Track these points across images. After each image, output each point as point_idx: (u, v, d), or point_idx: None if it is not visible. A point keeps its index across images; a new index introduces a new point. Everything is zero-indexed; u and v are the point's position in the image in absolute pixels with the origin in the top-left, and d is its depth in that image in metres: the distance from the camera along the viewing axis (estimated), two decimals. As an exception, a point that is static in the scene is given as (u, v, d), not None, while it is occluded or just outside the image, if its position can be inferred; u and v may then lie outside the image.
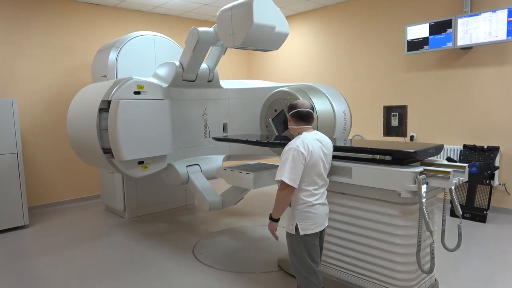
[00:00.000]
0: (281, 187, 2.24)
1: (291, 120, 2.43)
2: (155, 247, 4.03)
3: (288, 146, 2.28)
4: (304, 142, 2.26)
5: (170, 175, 4.05)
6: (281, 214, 2.31)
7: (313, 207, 2.32)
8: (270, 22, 3.19)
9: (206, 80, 4.26)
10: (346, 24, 6.26)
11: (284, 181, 2.19)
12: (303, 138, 2.30)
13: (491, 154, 4.62)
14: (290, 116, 2.42)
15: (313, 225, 2.33)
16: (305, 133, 2.36)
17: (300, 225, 2.31)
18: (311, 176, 2.30)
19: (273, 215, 2.32)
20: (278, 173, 2.25)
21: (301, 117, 2.39)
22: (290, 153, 2.22)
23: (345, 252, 2.82)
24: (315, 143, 2.32)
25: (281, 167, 2.25)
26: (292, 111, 2.41)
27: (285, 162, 2.22)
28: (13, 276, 3.43)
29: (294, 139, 2.33)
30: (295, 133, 2.43)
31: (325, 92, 4.00)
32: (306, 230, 2.31)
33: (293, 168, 2.20)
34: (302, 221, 2.31)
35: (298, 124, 2.41)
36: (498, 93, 4.68)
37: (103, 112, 3.51)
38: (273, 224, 2.34)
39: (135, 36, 4.85)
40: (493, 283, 3.08)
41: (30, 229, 4.73)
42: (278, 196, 2.27)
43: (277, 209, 2.30)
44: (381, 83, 5.84)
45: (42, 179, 5.55)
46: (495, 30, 4.43)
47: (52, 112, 5.55)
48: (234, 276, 3.31)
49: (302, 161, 2.22)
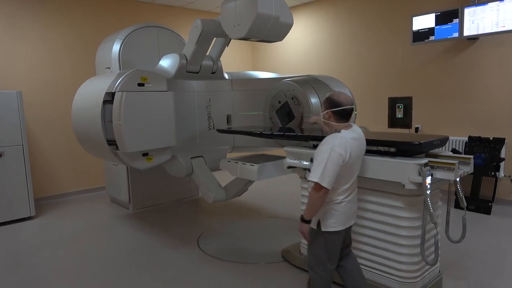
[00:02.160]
0: (315, 188, 2.12)
1: (332, 117, 2.25)
2: (160, 238, 4.06)
3: (325, 145, 2.15)
4: (343, 143, 2.13)
5: (174, 166, 4.06)
6: (314, 215, 2.21)
7: (339, 204, 2.23)
8: (274, 12, 3.16)
9: (210, 72, 4.24)
10: (351, 14, 6.20)
11: (320, 184, 2.08)
12: (342, 138, 2.16)
13: (496, 145, 4.59)
14: (331, 112, 2.24)
15: (336, 223, 2.24)
16: (344, 132, 2.21)
17: (322, 221, 2.23)
18: (344, 175, 2.19)
19: (305, 216, 2.21)
20: (313, 173, 2.12)
21: (345, 115, 2.24)
22: (328, 153, 2.10)
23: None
24: (353, 143, 2.20)
25: (316, 167, 2.12)
26: (335, 107, 2.22)
27: (322, 162, 2.09)
28: (20, 267, 3.47)
29: (331, 138, 2.18)
30: (331, 129, 2.28)
31: (329, 83, 3.97)
32: (328, 227, 2.23)
33: (330, 170, 2.08)
34: (325, 217, 2.23)
35: (340, 121, 2.25)
36: (505, 84, 4.63)
37: (108, 104, 3.51)
38: (304, 226, 2.23)
39: (139, 27, 4.83)
40: (497, 275, 3.08)
41: (36, 220, 4.78)
42: (312, 197, 2.15)
43: (310, 210, 2.18)
44: (386, 74, 5.80)
45: (47, 171, 5.59)
46: (502, 20, 4.36)
47: (57, 104, 5.57)
48: (238, 267, 3.33)
49: (339, 163, 2.11)
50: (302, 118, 3.79)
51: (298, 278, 3.10)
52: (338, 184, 2.18)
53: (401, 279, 2.57)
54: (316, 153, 2.18)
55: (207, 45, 3.93)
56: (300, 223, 2.24)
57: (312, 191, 2.14)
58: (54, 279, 3.24)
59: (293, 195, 5.25)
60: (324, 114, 2.29)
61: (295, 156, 3.04)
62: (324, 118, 2.30)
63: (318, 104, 3.74)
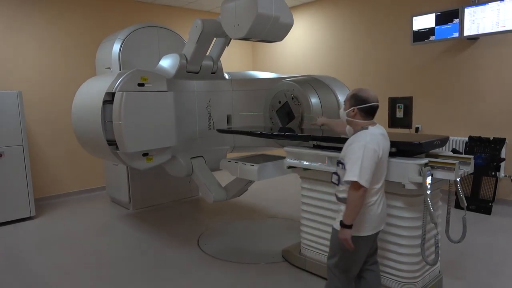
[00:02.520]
0: (354, 188, 2.00)
1: (358, 114, 2.16)
2: (160, 238, 4.06)
3: (356, 143, 2.06)
4: (375, 139, 2.07)
5: (174, 167, 4.06)
6: (355, 219, 2.05)
7: (370, 207, 2.12)
8: (274, 12, 3.16)
9: (210, 72, 4.24)
10: (351, 14, 6.19)
11: (359, 182, 1.97)
12: (372, 134, 2.09)
13: (497, 145, 4.59)
14: (358, 110, 2.15)
15: (368, 227, 2.12)
16: (372, 128, 2.14)
17: (353, 225, 2.08)
18: (376, 173, 2.09)
19: (346, 221, 2.04)
20: (349, 172, 2.01)
21: (372, 112, 2.17)
22: (362, 151, 2.01)
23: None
24: (383, 139, 2.13)
25: (352, 166, 2.01)
26: (362, 104, 2.15)
27: (357, 160, 1.99)
28: (20, 267, 3.47)
29: (361, 135, 2.10)
30: (357, 127, 2.19)
31: (329, 84, 3.97)
32: (359, 232, 2.11)
33: (367, 167, 1.99)
34: (357, 222, 2.09)
35: (366, 119, 2.17)
36: (505, 84, 4.62)
37: (108, 104, 3.51)
38: (346, 232, 2.04)
39: (139, 27, 4.83)
40: (497, 275, 3.08)
41: (37, 220, 4.78)
42: (352, 198, 2.02)
43: (351, 213, 2.03)
44: (386, 74, 5.79)
45: (48, 171, 5.59)
46: (502, 20, 4.36)
47: (57, 104, 5.57)
48: (238, 267, 3.33)
49: (375, 160, 2.02)
50: (302, 118, 3.79)
51: (298, 278, 3.09)
52: (371, 184, 2.07)
53: (402, 279, 2.57)
54: (348, 152, 2.08)
55: (207, 45, 3.93)
56: (341, 230, 2.06)
57: (350, 192, 2.03)
58: (54, 279, 3.24)
59: (293, 195, 5.25)
60: (349, 112, 2.19)
61: (295, 156, 3.04)
62: (348, 116, 2.21)
63: (318, 104, 3.74)
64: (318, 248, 3.07)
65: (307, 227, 3.14)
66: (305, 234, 3.16)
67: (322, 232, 3.01)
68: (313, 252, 3.12)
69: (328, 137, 2.99)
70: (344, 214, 2.06)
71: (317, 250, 3.08)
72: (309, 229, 3.12)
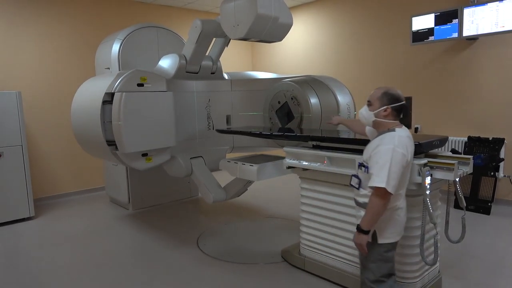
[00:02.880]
0: (378, 194, 1.91)
1: (390, 114, 2.04)
2: (159, 238, 4.06)
3: (385, 145, 1.95)
4: (403, 142, 1.96)
5: (173, 167, 4.06)
6: (374, 225, 1.98)
7: (396, 211, 2.03)
8: (274, 13, 3.16)
9: (210, 72, 4.24)
10: (350, 15, 6.20)
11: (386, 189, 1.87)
12: (400, 137, 1.98)
13: (496, 146, 4.59)
14: (390, 108, 2.03)
15: (394, 233, 2.05)
16: (399, 130, 2.03)
17: (380, 232, 2.01)
18: (402, 178, 2.00)
19: (363, 226, 1.97)
20: (376, 177, 1.91)
21: (402, 111, 2.07)
22: (390, 154, 1.90)
23: (349, 243, 2.83)
24: (409, 142, 2.03)
25: (379, 171, 1.91)
26: (395, 103, 2.04)
27: (385, 165, 1.89)
28: (19, 267, 3.47)
29: (388, 137, 1.99)
30: (384, 128, 2.07)
31: (329, 84, 3.98)
32: (386, 238, 2.02)
33: (395, 172, 1.89)
34: (382, 227, 2.00)
35: (396, 119, 2.06)
36: (504, 84, 4.63)
37: (107, 104, 3.51)
38: (363, 237, 1.98)
39: (138, 28, 4.83)
40: (496, 275, 3.08)
41: (36, 220, 4.77)
42: (374, 204, 1.93)
43: (371, 219, 1.95)
44: (386, 75, 5.80)
45: (47, 171, 5.58)
46: (502, 20, 4.37)
47: (56, 104, 5.57)
48: (237, 267, 3.33)
49: (403, 164, 1.93)
50: (302, 119, 3.80)
51: (297, 278, 3.09)
52: (397, 189, 1.96)
53: (401, 279, 2.57)
54: (374, 155, 1.97)
55: (207, 46, 3.93)
56: (357, 234, 2.00)
57: (374, 198, 1.93)
58: (53, 279, 3.23)
59: (292, 195, 5.25)
60: (380, 112, 2.06)
61: (294, 156, 3.04)
62: (378, 116, 2.07)
63: (317, 104, 3.74)
64: (318, 248, 3.07)
65: (306, 227, 3.14)
66: (305, 234, 3.16)
67: (321, 232, 3.01)
68: (312, 252, 3.12)
69: (328, 137, 2.99)
70: (363, 219, 1.98)
71: (317, 250, 3.08)
72: (308, 229, 3.12)
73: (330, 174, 2.80)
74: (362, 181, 2.09)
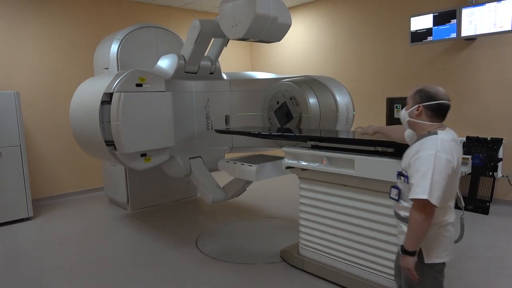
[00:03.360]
0: (420, 207, 1.65)
1: (423, 114, 1.81)
2: (158, 239, 4.05)
3: (425, 151, 1.70)
4: (447, 146, 1.70)
5: (172, 167, 4.06)
6: (420, 244, 1.72)
7: (445, 227, 1.77)
8: (273, 13, 3.16)
9: (208, 72, 4.24)
10: (350, 15, 6.20)
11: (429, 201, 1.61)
12: (443, 140, 1.72)
13: (494, 146, 4.60)
14: (424, 107, 1.81)
15: (444, 251, 1.77)
16: (441, 132, 1.77)
17: (426, 251, 1.75)
18: (450, 187, 1.72)
19: (407, 246, 1.71)
20: (417, 188, 1.65)
21: (441, 112, 1.81)
22: (432, 161, 1.65)
23: (348, 244, 2.83)
24: (455, 146, 1.76)
25: (420, 181, 1.65)
26: (429, 101, 1.81)
27: (427, 173, 1.64)
28: (18, 268, 3.46)
29: (429, 141, 1.73)
30: (423, 131, 1.83)
31: (327, 84, 3.98)
32: (434, 257, 1.76)
33: (438, 182, 1.63)
34: (429, 245, 1.75)
35: (433, 119, 1.81)
36: (502, 84, 4.64)
37: (106, 104, 3.51)
38: (409, 260, 1.71)
39: (137, 28, 4.82)
40: (495, 274, 3.09)
41: (34, 221, 4.76)
42: (416, 220, 1.67)
43: (414, 238, 1.69)
44: (385, 75, 5.80)
45: (45, 171, 5.58)
46: (500, 20, 4.38)
47: (55, 105, 5.56)
48: (237, 267, 3.33)
49: (448, 172, 1.66)
50: (301, 119, 3.80)
51: (296, 278, 3.09)
52: (444, 200, 1.70)
53: (400, 279, 2.57)
54: (414, 163, 1.72)
55: (206, 46, 3.92)
56: (403, 257, 1.74)
57: (415, 212, 1.67)
58: (52, 279, 3.23)
59: (291, 195, 5.25)
60: (413, 110, 1.84)
61: (293, 156, 3.04)
62: (411, 116, 1.86)
63: (316, 104, 3.74)
64: (317, 249, 3.07)
65: (305, 228, 3.14)
66: (304, 235, 3.16)
67: (320, 232, 3.02)
68: (311, 253, 3.12)
69: (326, 137, 2.99)
70: (406, 238, 1.73)
71: (316, 251, 3.08)
72: (307, 230, 3.12)
73: (329, 174, 2.81)
74: (403, 192, 1.84)
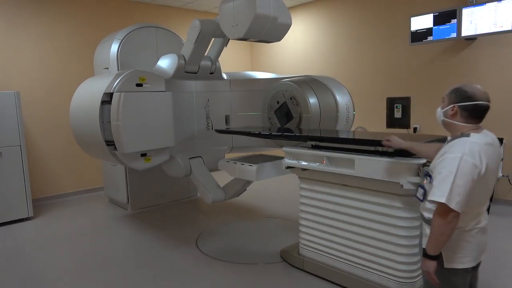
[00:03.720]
0: (441, 212, 1.62)
1: (458, 114, 1.74)
2: (158, 239, 4.05)
3: (451, 154, 1.64)
4: (476, 150, 1.62)
5: (172, 167, 4.06)
6: (441, 248, 1.68)
7: (469, 233, 1.72)
8: (273, 13, 3.16)
9: (208, 72, 4.24)
10: (349, 15, 6.20)
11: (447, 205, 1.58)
12: (474, 143, 1.64)
13: (494, 145, 4.59)
14: (459, 108, 1.73)
15: (465, 257, 1.72)
16: (474, 135, 1.69)
17: (446, 255, 1.72)
18: (477, 193, 1.66)
19: (429, 251, 1.69)
20: (437, 191, 1.62)
21: (477, 113, 1.72)
22: (456, 164, 1.59)
23: (348, 244, 2.83)
24: (489, 150, 1.67)
25: (441, 184, 1.61)
26: (465, 101, 1.72)
27: (449, 176, 1.59)
28: (18, 268, 3.46)
29: (459, 143, 1.67)
30: (456, 131, 1.78)
31: (328, 84, 3.98)
32: (454, 263, 1.72)
33: (460, 186, 1.58)
34: (450, 250, 1.71)
35: (468, 121, 1.73)
36: (502, 84, 4.64)
37: (106, 104, 3.51)
38: (429, 264, 1.69)
39: (137, 28, 4.82)
40: (495, 274, 3.08)
41: (34, 221, 4.76)
42: (438, 224, 1.64)
43: (435, 242, 1.66)
44: (385, 75, 5.80)
45: (45, 171, 5.58)
46: (500, 20, 4.37)
47: (55, 105, 5.56)
48: (237, 267, 3.33)
49: (473, 178, 1.60)
50: (301, 119, 3.80)
51: (296, 278, 3.09)
52: (469, 206, 1.65)
53: (399, 279, 2.57)
54: (438, 164, 1.69)
55: (206, 46, 3.92)
56: (424, 260, 1.72)
57: (436, 216, 1.64)
58: (52, 279, 3.23)
59: (291, 195, 5.25)
60: (448, 110, 1.78)
61: (293, 156, 3.04)
62: (445, 116, 1.80)
63: (316, 104, 3.74)
64: (317, 248, 3.07)
65: (305, 227, 3.14)
66: (304, 234, 3.16)
67: (320, 232, 3.01)
68: (311, 252, 3.12)
69: (326, 137, 2.99)
70: (428, 242, 1.71)
71: (316, 251, 3.08)
72: (307, 229, 3.12)
73: (329, 174, 2.81)
74: (427, 193, 1.78)
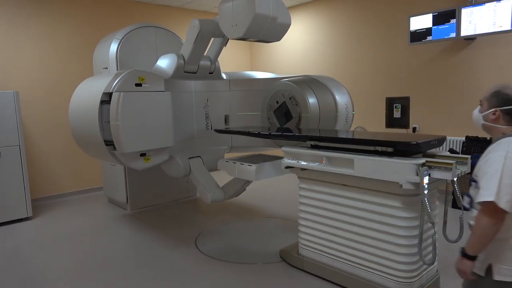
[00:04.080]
0: (487, 211, 1.56)
1: (501, 118, 1.73)
2: (158, 238, 4.05)
3: (495, 152, 1.61)
4: None
5: (172, 167, 4.06)
6: (482, 249, 1.62)
7: None
8: (272, 13, 3.16)
9: (208, 72, 4.24)
10: (349, 14, 6.20)
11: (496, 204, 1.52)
12: None
13: (494, 145, 4.60)
14: (501, 112, 1.72)
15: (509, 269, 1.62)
16: None
17: (496, 267, 1.62)
18: None
19: (468, 250, 1.64)
20: (484, 191, 1.56)
21: None
22: (501, 162, 1.55)
23: (347, 243, 2.83)
24: None
25: (487, 182, 1.56)
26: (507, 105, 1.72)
27: (494, 175, 1.55)
28: (17, 268, 3.46)
29: (501, 143, 1.63)
30: (498, 133, 1.74)
31: (327, 83, 3.98)
32: (506, 275, 1.61)
33: (508, 185, 1.52)
34: (500, 260, 1.61)
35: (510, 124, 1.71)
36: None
37: (105, 104, 3.50)
38: (466, 263, 1.64)
39: (136, 27, 4.82)
40: (494, 274, 3.08)
41: (34, 221, 4.76)
42: (482, 224, 1.58)
43: (477, 242, 1.61)
44: (384, 74, 5.80)
45: (44, 171, 5.57)
46: (499, 20, 4.38)
47: (54, 104, 5.55)
48: (236, 267, 3.33)
49: None
50: (300, 118, 3.80)
51: (296, 278, 3.09)
52: None
53: (399, 278, 2.57)
54: (483, 165, 1.64)
55: (205, 45, 3.92)
56: (461, 259, 1.66)
57: (481, 215, 1.58)
58: (51, 279, 3.22)
59: (291, 195, 5.25)
60: (489, 114, 1.77)
61: (293, 156, 3.04)
62: (486, 120, 1.80)
63: (315, 104, 3.74)
64: (316, 248, 3.07)
65: (305, 227, 3.14)
66: (303, 234, 3.16)
67: (320, 232, 3.02)
68: (311, 252, 3.12)
69: (326, 137, 2.99)
70: (468, 241, 1.65)
71: (315, 250, 3.08)
72: (307, 229, 3.12)
73: (329, 174, 2.81)
74: (474, 200, 1.69)
